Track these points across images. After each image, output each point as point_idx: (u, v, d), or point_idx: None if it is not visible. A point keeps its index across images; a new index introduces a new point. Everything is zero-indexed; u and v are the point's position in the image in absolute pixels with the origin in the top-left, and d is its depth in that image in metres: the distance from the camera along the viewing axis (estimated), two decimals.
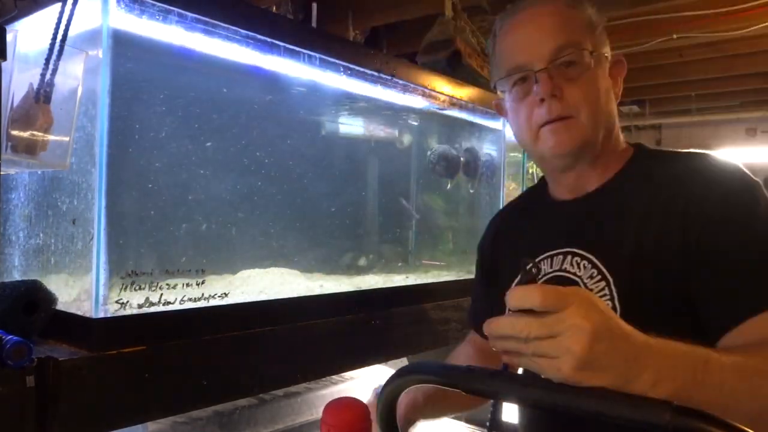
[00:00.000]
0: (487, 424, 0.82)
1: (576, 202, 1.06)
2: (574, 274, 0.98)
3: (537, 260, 1.05)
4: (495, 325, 0.69)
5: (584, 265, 0.97)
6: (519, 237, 1.17)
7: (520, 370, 0.78)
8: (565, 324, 0.63)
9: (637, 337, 0.67)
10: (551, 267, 1.02)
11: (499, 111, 1.14)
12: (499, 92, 1.09)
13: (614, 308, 0.90)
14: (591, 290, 0.93)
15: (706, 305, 0.86)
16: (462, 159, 2.11)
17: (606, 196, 1.02)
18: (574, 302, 0.64)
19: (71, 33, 1.03)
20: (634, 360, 0.65)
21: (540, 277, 1.02)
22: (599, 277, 0.94)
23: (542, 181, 1.18)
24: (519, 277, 0.71)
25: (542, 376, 0.67)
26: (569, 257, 1.00)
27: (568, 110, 0.97)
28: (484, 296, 1.23)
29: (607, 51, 1.03)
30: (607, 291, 0.92)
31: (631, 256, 0.92)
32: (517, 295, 0.66)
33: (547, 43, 0.97)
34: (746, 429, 0.54)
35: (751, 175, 0.91)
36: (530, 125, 1.01)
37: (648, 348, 0.66)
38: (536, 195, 1.20)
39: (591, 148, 1.00)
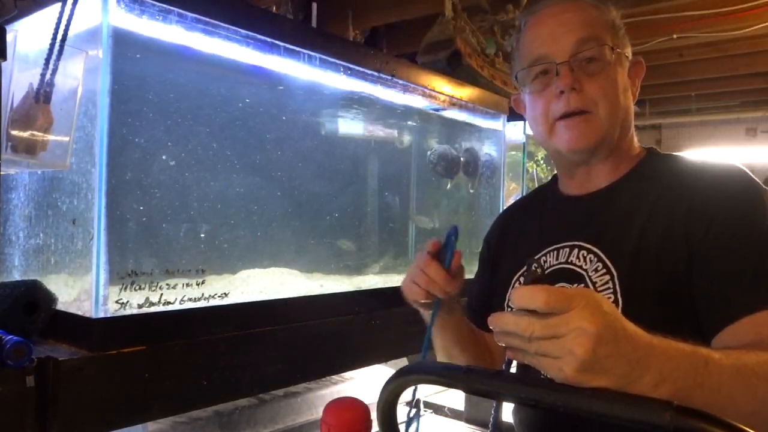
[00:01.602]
0: (490, 425, 0.82)
1: (585, 198, 1.07)
2: (580, 267, 0.98)
3: (542, 252, 1.05)
4: (498, 321, 0.69)
5: (590, 258, 0.97)
6: (525, 230, 1.17)
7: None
8: (569, 326, 0.63)
9: (641, 339, 0.66)
10: (557, 259, 1.03)
11: (516, 107, 1.15)
12: (518, 86, 1.09)
13: (616, 302, 0.91)
14: (595, 283, 0.94)
15: (704, 302, 0.86)
16: (462, 159, 2.11)
17: (615, 193, 1.03)
18: (579, 304, 0.63)
19: (71, 33, 1.03)
20: (636, 362, 0.65)
21: (546, 268, 1.02)
22: (604, 270, 0.94)
23: (553, 178, 1.19)
24: (524, 276, 0.71)
25: (544, 375, 0.67)
26: (576, 250, 1.00)
27: (587, 104, 0.98)
28: (483, 289, 1.23)
29: (628, 52, 1.05)
30: (610, 285, 0.93)
31: (636, 252, 0.93)
32: (522, 295, 0.66)
33: (570, 37, 0.98)
34: (747, 429, 0.54)
35: (758, 181, 0.92)
36: (547, 118, 1.02)
37: (651, 349, 0.66)
38: (546, 191, 1.21)
39: (607, 144, 1.01)
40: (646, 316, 0.70)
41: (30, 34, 1.09)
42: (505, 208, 1.34)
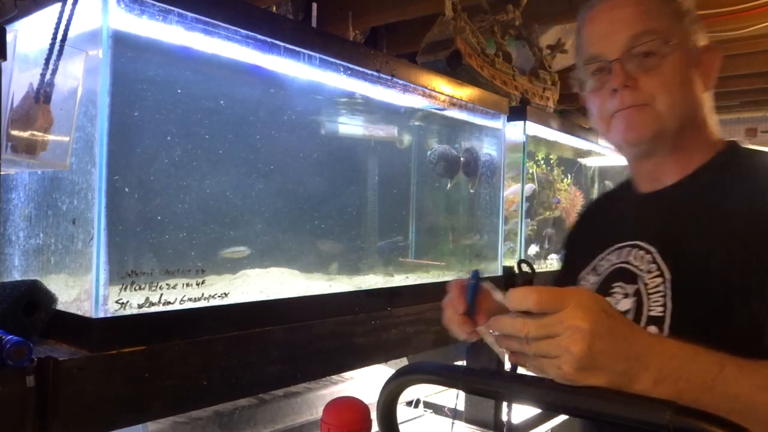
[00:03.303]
0: (503, 426, 0.82)
1: (652, 196, 1.04)
2: (637, 267, 0.96)
3: (608, 251, 1.04)
4: (497, 324, 0.69)
5: (647, 258, 0.95)
6: (597, 229, 1.17)
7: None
8: (563, 325, 0.63)
9: (640, 337, 0.66)
10: (618, 258, 1.01)
11: (583, 103, 1.14)
12: (581, 83, 1.09)
13: (665, 306, 0.88)
14: (647, 285, 0.92)
15: (753, 310, 0.81)
16: (462, 159, 2.11)
17: (682, 192, 1.00)
18: (571, 303, 0.64)
19: (71, 33, 1.03)
20: (635, 358, 0.65)
21: (607, 266, 1.01)
22: (657, 272, 0.92)
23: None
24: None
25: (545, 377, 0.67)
26: (634, 250, 0.99)
27: (642, 99, 0.95)
28: None
29: (696, 39, 1.00)
30: (662, 288, 0.90)
31: (693, 257, 0.89)
32: (515, 297, 0.66)
33: (622, 33, 0.96)
34: (747, 429, 0.54)
35: None
36: (602, 115, 1.01)
37: (651, 347, 0.66)
38: (622, 188, 1.19)
39: (666, 137, 0.97)
40: (696, 321, 0.68)
41: (30, 34, 1.09)
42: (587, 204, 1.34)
